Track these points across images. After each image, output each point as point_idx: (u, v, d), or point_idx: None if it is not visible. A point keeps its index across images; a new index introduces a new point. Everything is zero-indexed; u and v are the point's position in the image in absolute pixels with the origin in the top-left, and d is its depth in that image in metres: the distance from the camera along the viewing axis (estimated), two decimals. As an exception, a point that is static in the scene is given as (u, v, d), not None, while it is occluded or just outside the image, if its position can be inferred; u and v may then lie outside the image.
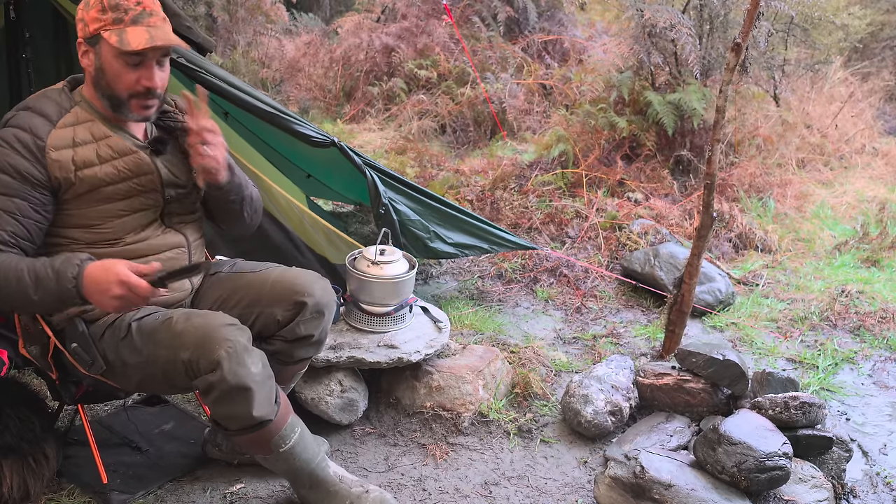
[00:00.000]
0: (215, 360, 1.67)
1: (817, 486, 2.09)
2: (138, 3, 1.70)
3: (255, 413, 1.73)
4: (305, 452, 1.90)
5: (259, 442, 1.82)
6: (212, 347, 1.67)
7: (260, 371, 1.74)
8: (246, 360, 1.70)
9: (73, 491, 2.09)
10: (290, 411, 1.88)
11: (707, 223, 2.73)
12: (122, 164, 1.80)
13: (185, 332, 1.72)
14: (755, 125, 5.23)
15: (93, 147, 1.77)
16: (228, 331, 1.72)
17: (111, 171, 1.78)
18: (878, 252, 4.16)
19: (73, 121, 1.77)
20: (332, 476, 1.97)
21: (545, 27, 6.98)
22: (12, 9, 2.72)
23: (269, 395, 1.78)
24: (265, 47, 7.79)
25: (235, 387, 1.69)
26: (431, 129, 6.05)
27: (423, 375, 2.54)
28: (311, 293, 1.95)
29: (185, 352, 1.70)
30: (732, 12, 4.66)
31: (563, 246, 4.06)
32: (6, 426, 1.99)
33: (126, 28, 1.68)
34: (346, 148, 2.81)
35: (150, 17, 1.71)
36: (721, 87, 2.60)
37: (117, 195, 1.80)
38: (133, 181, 1.82)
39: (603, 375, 2.55)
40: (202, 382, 1.70)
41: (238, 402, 1.71)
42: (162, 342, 1.74)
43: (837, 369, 3.03)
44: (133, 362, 1.78)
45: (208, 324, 1.73)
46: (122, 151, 1.80)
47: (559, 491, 2.23)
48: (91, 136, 1.77)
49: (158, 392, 2.21)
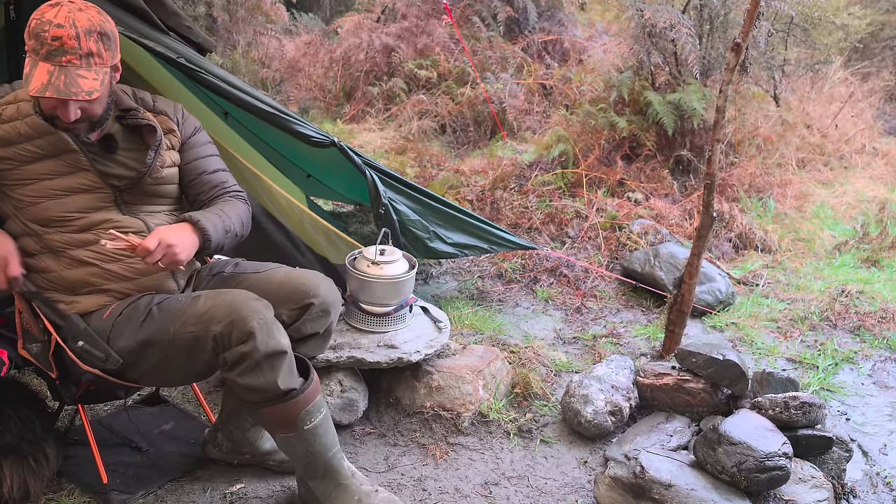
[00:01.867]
0: (248, 331, 1.71)
1: (817, 486, 2.09)
2: (56, 38, 1.67)
3: (281, 384, 1.78)
4: (326, 437, 1.93)
5: (286, 416, 1.84)
6: (245, 319, 1.72)
7: (288, 343, 1.80)
8: (276, 331, 1.77)
9: (73, 491, 2.09)
10: (318, 390, 1.91)
11: (707, 223, 2.73)
12: (43, 143, 1.83)
13: (216, 307, 1.76)
14: (755, 125, 5.23)
15: (14, 125, 1.82)
16: (258, 304, 1.78)
17: (32, 148, 1.83)
18: (878, 252, 4.16)
19: (11, 100, 1.85)
20: (346, 469, 1.99)
21: (545, 27, 6.98)
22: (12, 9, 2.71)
23: (292, 368, 1.83)
24: (265, 47, 7.79)
25: (266, 355, 1.73)
26: (431, 129, 6.06)
27: (423, 375, 2.54)
28: (317, 293, 1.96)
29: (217, 325, 1.73)
30: (732, 12, 4.66)
31: (563, 246, 4.06)
32: (6, 426, 1.99)
33: (39, 61, 1.68)
34: (346, 148, 2.81)
35: (64, 54, 1.67)
36: (721, 87, 2.60)
37: (42, 173, 1.84)
38: (57, 159, 1.85)
39: (603, 375, 2.55)
40: (232, 354, 1.73)
41: (266, 372, 1.75)
42: (190, 319, 1.77)
43: (837, 369, 3.03)
44: (157, 340, 1.80)
45: (237, 298, 1.78)
46: (42, 131, 1.83)
47: (559, 491, 2.23)
48: (17, 114, 1.83)
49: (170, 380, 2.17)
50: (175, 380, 2.15)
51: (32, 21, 1.68)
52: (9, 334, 2.37)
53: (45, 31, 1.67)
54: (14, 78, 2.89)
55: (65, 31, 1.67)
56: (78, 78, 1.70)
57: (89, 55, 1.71)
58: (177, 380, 2.16)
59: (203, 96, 2.86)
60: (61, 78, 1.68)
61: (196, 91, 2.82)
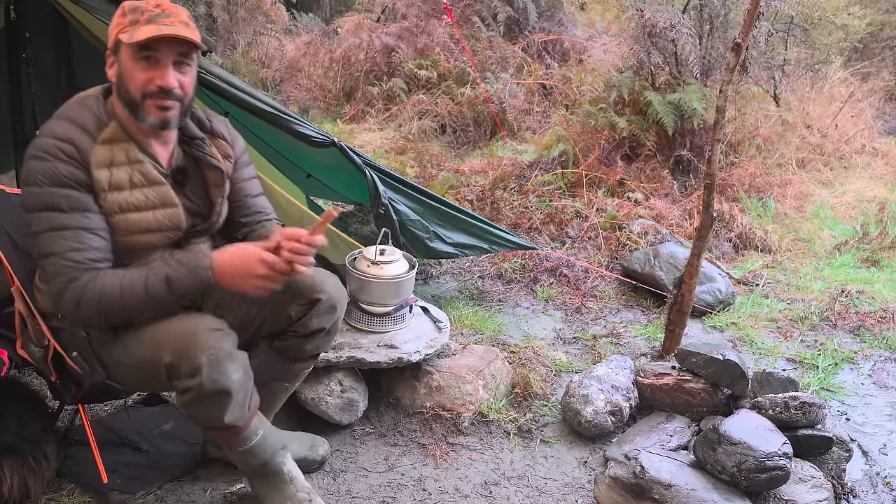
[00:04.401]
0: (196, 366, 1.64)
1: (817, 486, 2.09)
2: (157, 4, 1.67)
3: (227, 419, 1.73)
4: (264, 453, 1.91)
5: (222, 437, 1.85)
6: (193, 353, 1.65)
7: (240, 377, 1.72)
8: (227, 367, 1.67)
9: (73, 491, 2.09)
10: (255, 413, 1.87)
11: (707, 223, 2.73)
12: (152, 193, 1.75)
13: (168, 335, 1.69)
14: (755, 125, 5.23)
15: (126, 170, 1.72)
16: (212, 336, 1.68)
17: (141, 198, 1.74)
18: (878, 252, 4.16)
19: (110, 137, 1.71)
20: (286, 473, 1.96)
21: (545, 27, 6.99)
22: (12, 9, 2.72)
23: (244, 400, 1.77)
24: (265, 47, 7.80)
25: (213, 392, 1.67)
26: (431, 129, 6.06)
27: (423, 375, 2.54)
28: (325, 289, 1.95)
29: (167, 354, 1.67)
30: (732, 12, 4.66)
31: (563, 246, 4.06)
32: (6, 426, 1.99)
33: (140, 27, 1.64)
34: (346, 148, 2.81)
35: (167, 17, 1.66)
36: (721, 87, 2.60)
37: (140, 225, 1.75)
38: (158, 211, 1.77)
39: (603, 375, 2.55)
40: (181, 384, 1.68)
41: (212, 407, 1.70)
42: (146, 343, 1.72)
43: (837, 369, 3.02)
44: (126, 362, 1.77)
45: (192, 327, 1.70)
46: (152, 180, 1.76)
47: (559, 491, 2.23)
48: (126, 159, 1.72)
49: (158, 390, 2.21)
50: (156, 390, 2.15)
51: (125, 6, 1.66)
52: (9, 334, 2.37)
53: (146, 4, 1.66)
54: (14, 78, 2.90)
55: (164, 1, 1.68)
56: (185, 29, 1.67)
57: (187, 23, 1.70)
58: (162, 390, 2.15)
59: (203, 96, 2.86)
60: (166, 29, 1.64)
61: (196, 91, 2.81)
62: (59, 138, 1.65)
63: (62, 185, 1.63)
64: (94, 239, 1.67)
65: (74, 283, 1.63)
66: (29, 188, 1.64)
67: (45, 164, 1.63)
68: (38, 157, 1.63)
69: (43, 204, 1.63)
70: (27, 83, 2.82)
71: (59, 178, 1.63)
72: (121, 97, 1.72)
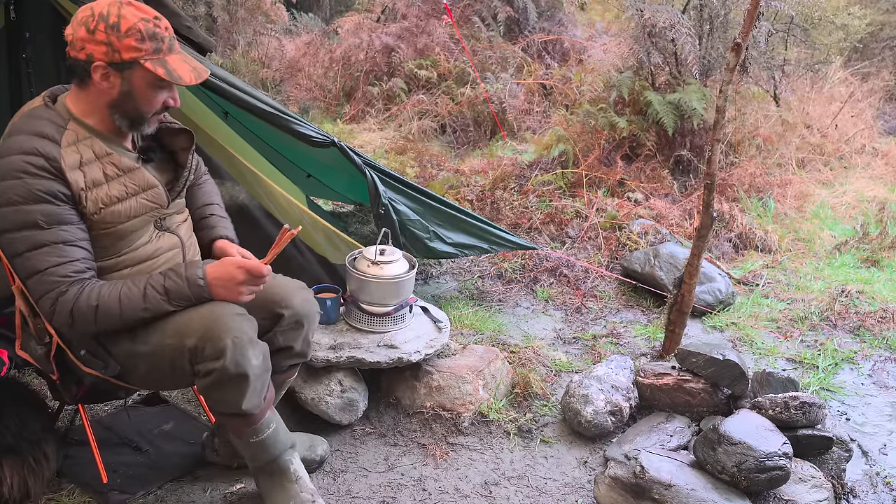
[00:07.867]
0: (221, 348, 1.68)
1: (817, 486, 2.09)
2: (167, 28, 1.70)
3: (245, 406, 1.77)
4: (275, 449, 1.93)
5: (236, 426, 1.88)
6: (219, 335, 1.69)
7: (259, 364, 1.77)
8: (249, 351, 1.72)
9: (73, 491, 2.09)
10: (270, 407, 1.91)
11: (707, 223, 2.73)
12: (129, 181, 1.78)
13: (192, 319, 1.74)
14: (755, 125, 5.23)
15: (98, 166, 1.73)
16: (236, 320, 1.74)
17: (121, 188, 1.76)
18: (878, 252, 4.16)
19: (73, 139, 1.70)
20: (292, 473, 1.97)
21: (545, 27, 6.99)
22: (12, 9, 2.72)
23: (262, 389, 1.81)
24: (265, 47, 7.79)
25: (235, 376, 1.71)
26: (431, 129, 6.06)
27: (423, 375, 2.54)
28: (289, 304, 1.94)
29: (192, 338, 1.71)
30: (732, 12, 4.66)
31: (563, 246, 4.06)
32: (6, 426, 1.99)
33: (166, 58, 1.68)
34: (346, 148, 2.81)
35: (175, 40, 1.72)
36: (721, 87, 2.60)
37: (128, 214, 1.78)
38: (141, 196, 1.80)
39: (603, 375, 2.55)
40: (203, 367, 1.72)
41: (232, 391, 1.74)
42: (168, 330, 1.75)
43: (837, 369, 3.02)
44: (142, 352, 1.78)
45: (216, 311, 1.75)
46: (125, 168, 1.78)
47: (559, 491, 2.23)
48: (94, 155, 1.73)
49: (165, 386, 2.20)
50: (167, 385, 2.16)
51: (131, 29, 1.62)
52: (9, 334, 2.37)
53: (158, 28, 1.67)
54: (14, 78, 2.90)
55: (162, 20, 1.69)
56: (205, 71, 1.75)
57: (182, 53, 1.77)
58: (168, 386, 2.17)
59: (203, 96, 2.86)
60: (198, 67, 1.72)
61: (196, 91, 2.82)
62: (25, 152, 1.62)
63: (37, 201, 1.62)
64: (75, 251, 1.68)
65: (64, 296, 1.65)
66: (2, 210, 1.62)
67: (14, 182, 1.61)
68: (5, 176, 1.61)
69: (20, 223, 1.62)
70: (27, 83, 2.82)
71: (33, 194, 1.61)
72: (119, 111, 1.73)
